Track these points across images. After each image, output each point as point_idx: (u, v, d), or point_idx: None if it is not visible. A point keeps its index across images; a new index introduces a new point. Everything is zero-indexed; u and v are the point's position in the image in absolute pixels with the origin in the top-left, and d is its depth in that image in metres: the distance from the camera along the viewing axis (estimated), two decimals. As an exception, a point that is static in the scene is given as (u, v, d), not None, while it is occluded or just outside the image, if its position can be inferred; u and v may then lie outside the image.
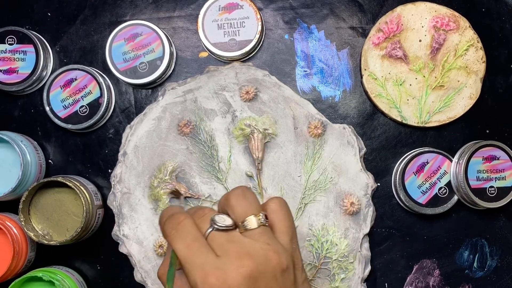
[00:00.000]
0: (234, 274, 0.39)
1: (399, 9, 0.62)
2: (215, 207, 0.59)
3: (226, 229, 0.41)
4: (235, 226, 0.41)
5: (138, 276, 0.60)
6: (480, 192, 0.59)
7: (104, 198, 0.62)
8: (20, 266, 0.60)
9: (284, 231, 0.43)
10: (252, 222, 0.41)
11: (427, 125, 0.62)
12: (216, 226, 0.40)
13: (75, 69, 0.61)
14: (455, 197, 0.60)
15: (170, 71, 0.63)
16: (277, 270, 0.40)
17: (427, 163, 0.60)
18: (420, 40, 0.61)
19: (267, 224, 0.42)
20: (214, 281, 0.38)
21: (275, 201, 0.43)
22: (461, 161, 0.59)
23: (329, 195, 0.59)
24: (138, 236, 0.59)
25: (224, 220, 0.41)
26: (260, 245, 0.40)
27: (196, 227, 0.40)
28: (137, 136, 0.60)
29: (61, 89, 0.61)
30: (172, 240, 0.40)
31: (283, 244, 0.42)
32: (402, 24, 0.61)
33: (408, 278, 0.62)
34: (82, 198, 0.58)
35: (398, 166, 0.62)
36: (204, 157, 0.60)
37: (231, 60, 0.62)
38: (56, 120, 0.61)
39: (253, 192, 0.43)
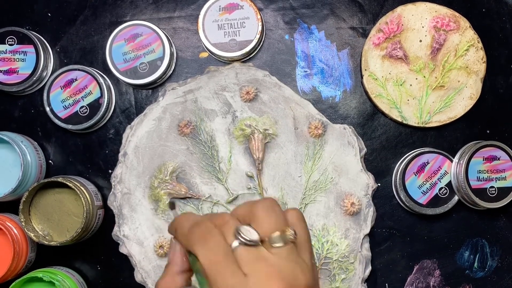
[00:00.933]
0: None
1: (399, 9, 0.62)
2: (215, 208, 0.59)
3: (253, 244, 0.37)
4: (260, 240, 0.38)
5: (138, 277, 0.60)
6: (481, 192, 0.59)
7: (105, 198, 0.62)
8: (21, 267, 0.60)
9: (305, 247, 0.40)
10: (280, 238, 0.38)
11: (427, 125, 0.62)
12: (243, 240, 0.37)
13: (76, 69, 0.61)
14: (456, 198, 0.60)
15: (171, 72, 0.63)
16: None
17: (428, 163, 0.60)
18: (420, 40, 0.61)
19: (295, 241, 0.39)
20: None
21: (294, 214, 0.40)
22: (461, 162, 0.59)
23: (329, 196, 0.59)
24: (139, 236, 0.59)
25: (250, 234, 0.37)
26: (288, 264, 0.37)
27: (225, 240, 0.37)
28: (137, 137, 0.60)
29: (62, 89, 0.61)
30: (199, 251, 0.37)
31: (306, 261, 0.39)
32: (402, 25, 0.61)
33: (409, 278, 0.62)
34: (82, 198, 0.58)
35: (399, 167, 0.62)
36: (205, 158, 0.60)
37: (231, 61, 0.62)
38: (56, 121, 0.61)
39: (280, 205, 0.40)
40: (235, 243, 0.37)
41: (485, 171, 0.59)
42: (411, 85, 0.61)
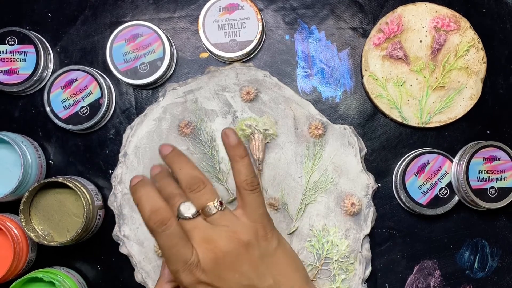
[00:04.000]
0: (202, 257, 0.45)
1: (399, 9, 0.62)
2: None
3: (192, 217, 0.46)
4: (199, 212, 0.47)
5: (138, 277, 0.60)
6: (481, 193, 0.59)
7: (105, 198, 0.62)
8: (21, 267, 0.60)
9: (249, 212, 0.47)
10: (208, 209, 0.46)
11: (427, 126, 0.62)
12: (182, 217, 0.46)
13: (76, 69, 0.61)
14: (456, 198, 0.60)
15: (171, 72, 0.63)
16: (238, 249, 0.45)
17: (428, 163, 0.60)
18: (420, 41, 0.61)
19: (221, 209, 0.47)
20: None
21: (246, 182, 0.48)
22: (461, 162, 0.59)
23: (329, 196, 0.59)
24: (139, 236, 0.59)
25: (189, 209, 0.46)
26: (217, 229, 0.46)
27: (179, 228, 0.45)
28: (137, 137, 0.60)
29: (62, 89, 0.61)
30: (156, 237, 0.44)
31: (245, 222, 0.47)
32: (402, 25, 0.61)
33: (409, 278, 0.62)
34: (82, 198, 0.58)
35: (399, 167, 0.62)
36: (205, 158, 0.60)
37: (231, 61, 0.62)
38: (56, 121, 0.61)
39: (207, 179, 0.48)
40: (179, 220, 0.46)
41: (485, 172, 0.59)
42: (411, 85, 0.61)
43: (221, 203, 0.47)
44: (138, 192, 0.45)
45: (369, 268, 0.60)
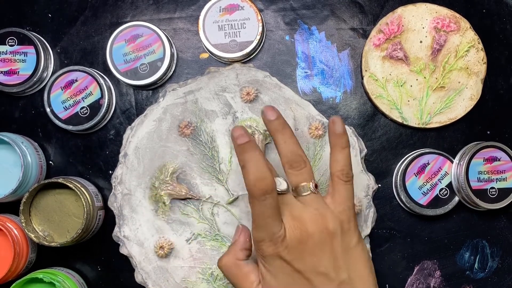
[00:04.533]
0: (288, 233, 0.45)
1: (399, 10, 0.62)
2: (216, 209, 0.59)
3: (283, 193, 0.47)
4: (293, 190, 0.48)
5: (138, 278, 0.60)
6: (481, 193, 0.59)
7: (105, 199, 0.62)
8: (21, 268, 0.60)
9: (339, 201, 0.48)
10: (302, 189, 0.47)
11: (428, 126, 0.62)
12: (277, 191, 0.46)
13: (76, 70, 0.61)
14: (456, 198, 0.60)
15: (171, 72, 0.63)
16: (323, 235, 0.45)
17: (428, 164, 0.60)
18: (420, 41, 0.61)
19: (316, 192, 0.47)
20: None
21: (342, 172, 0.49)
22: (462, 162, 0.59)
23: (330, 196, 0.59)
24: (139, 237, 0.59)
25: (280, 184, 0.47)
26: (308, 210, 0.46)
27: (277, 201, 0.45)
28: (137, 137, 0.60)
29: (62, 90, 0.61)
30: (254, 203, 0.45)
31: (333, 210, 0.47)
32: (402, 25, 0.61)
33: (409, 279, 0.62)
34: (82, 199, 0.58)
35: (399, 167, 0.62)
36: (205, 158, 0.60)
37: (231, 61, 0.62)
38: (56, 121, 0.61)
39: (308, 161, 0.48)
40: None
41: (485, 172, 0.59)
42: (411, 86, 0.61)
43: (316, 186, 0.48)
44: (246, 154, 0.45)
45: (369, 269, 0.60)
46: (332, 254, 0.46)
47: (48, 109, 0.61)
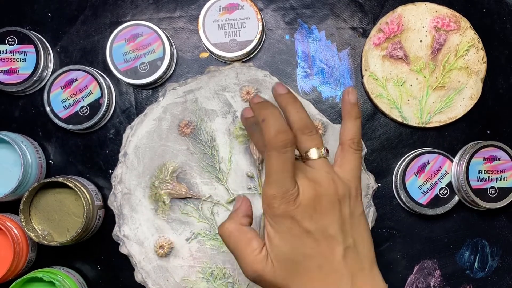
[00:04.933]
0: (302, 192, 0.45)
1: (399, 9, 0.62)
2: (216, 208, 0.59)
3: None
4: (301, 155, 0.48)
5: (138, 277, 0.60)
6: (481, 193, 0.59)
7: (105, 198, 0.62)
8: (21, 267, 0.60)
9: (348, 169, 0.48)
10: (313, 153, 0.47)
11: (427, 126, 0.62)
12: None
13: (76, 69, 0.61)
14: (456, 198, 0.60)
15: (171, 72, 0.63)
16: (334, 197, 0.46)
17: (428, 163, 0.60)
18: (420, 41, 0.61)
19: (327, 157, 0.48)
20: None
21: (353, 141, 0.49)
22: (462, 162, 0.59)
23: (330, 196, 0.59)
24: (139, 236, 0.59)
25: None
26: (320, 173, 0.46)
27: (294, 157, 0.45)
28: (137, 137, 0.60)
29: (62, 89, 0.61)
30: (273, 156, 0.44)
31: (342, 178, 0.47)
32: (402, 25, 0.61)
33: (409, 278, 0.62)
34: (82, 198, 0.58)
35: (399, 167, 0.62)
36: (205, 158, 0.60)
37: (231, 61, 0.62)
38: (56, 121, 0.61)
39: (316, 128, 0.49)
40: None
41: (485, 171, 0.59)
42: (411, 85, 0.61)
43: (327, 151, 0.48)
44: (267, 109, 0.46)
45: (369, 268, 0.60)
46: (340, 218, 0.46)
47: (48, 108, 0.61)
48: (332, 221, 0.45)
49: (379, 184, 0.62)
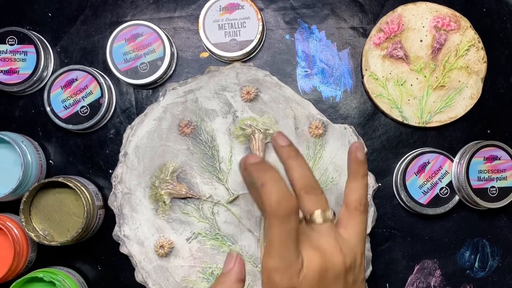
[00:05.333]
0: (307, 264, 0.41)
1: (400, 9, 0.62)
2: (216, 208, 0.59)
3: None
4: (304, 218, 0.43)
5: (139, 277, 0.59)
6: (481, 192, 0.59)
7: (105, 198, 0.62)
8: (21, 267, 0.60)
9: (353, 233, 0.44)
10: (319, 217, 0.43)
11: (428, 125, 0.62)
12: None
13: (76, 69, 0.61)
14: (456, 197, 0.60)
15: (171, 72, 0.63)
16: (341, 270, 0.42)
17: (428, 163, 0.60)
18: (421, 40, 0.61)
19: (334, 221, 0.43)
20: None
21: (360, 202, 0.45)
22: (462, 161, 0.59)
23: (330, 195, 0.59)
24: (139, 236, 0.59)
25: None
26: (325, 240, 0.42)
27: (298, 226, 0.41)
28: (138, 137, 0.60)
29: (62, 89, 0.61)
30: (276, 225, 0.40)
31: (349, 243, 0.43)
32: (403, 24, 0.61)
33: (409, 278, 0.62)
34: (83, 198, 0.58)
35: (399, 166, 0.62)
36: (205, 158, 0.60)
37: (232, 61, 0.62)
38: (56, 121, 0.61)
39: (321, 187, 0.44)
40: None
41: (485, 171, 0.59)
42: (411, 85, 0.61)
43: (334, 214, 0.44)
44: (265, 172, 0.41)
45: (370, 268, 0.60)
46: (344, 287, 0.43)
47: (48, 108, 0.61)
48: None
49: (380, 184, 0.62)
